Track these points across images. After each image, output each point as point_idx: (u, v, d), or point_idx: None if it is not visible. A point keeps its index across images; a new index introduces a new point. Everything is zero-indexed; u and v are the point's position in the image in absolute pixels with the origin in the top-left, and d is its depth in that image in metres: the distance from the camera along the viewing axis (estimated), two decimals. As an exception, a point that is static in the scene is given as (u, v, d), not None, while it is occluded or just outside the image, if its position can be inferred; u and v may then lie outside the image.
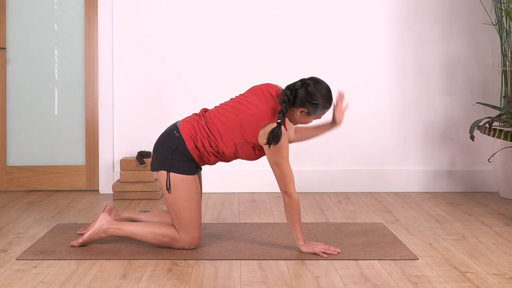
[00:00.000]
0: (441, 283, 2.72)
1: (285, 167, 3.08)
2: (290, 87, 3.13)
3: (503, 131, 4.37)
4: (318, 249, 3.13)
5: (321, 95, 3.12)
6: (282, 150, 3.05)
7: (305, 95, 3.10)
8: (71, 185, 4.99)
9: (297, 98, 3.11)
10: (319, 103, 3.11)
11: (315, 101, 3.10)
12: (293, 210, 3.12)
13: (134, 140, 4.95)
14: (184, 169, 3.15)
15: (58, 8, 4.98)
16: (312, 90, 3.10)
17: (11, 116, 4.99)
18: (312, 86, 3.12)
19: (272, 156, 3.07)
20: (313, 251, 3.14)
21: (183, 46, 4.93)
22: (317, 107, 3.12)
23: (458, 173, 4.97)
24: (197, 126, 3.19)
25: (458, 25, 4.95)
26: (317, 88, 3.12)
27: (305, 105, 3.11)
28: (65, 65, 4.99)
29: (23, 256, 3.12)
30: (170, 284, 2.72)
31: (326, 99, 3.14)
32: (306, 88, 3.11)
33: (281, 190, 3.13)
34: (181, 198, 3.16)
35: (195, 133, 3.17)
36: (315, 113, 3.14)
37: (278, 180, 3.12)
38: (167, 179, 3.15)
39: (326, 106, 3.14)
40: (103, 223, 3.24)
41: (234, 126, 3.13)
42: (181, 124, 3.22)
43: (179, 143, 3.16)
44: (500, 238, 3.49)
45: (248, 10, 4.93)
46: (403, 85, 4.97)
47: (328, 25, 4.94)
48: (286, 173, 3.09)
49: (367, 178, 4.95)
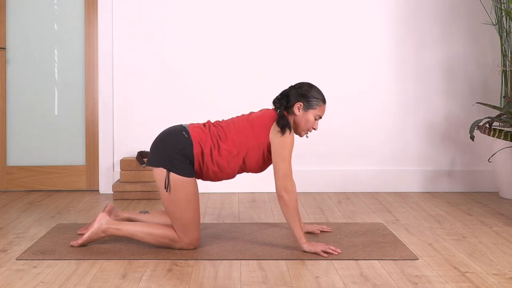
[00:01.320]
0: (441, 283, 2.72)
1: (288, 163, 3.17)
2: (282, 93, 3.33)
3: (503, 131, 4.37)
4: (319, 248, 3.14)
5: (310, 87, 3.30)
6: (290, 145, 3.17)
7: (295, 92, 3.29)
8: (71, 185, 4.99)
9: (290, 97, 3.28)
10: (311, 93, 3.26)
11: (306, 92, 3.26)
12: (293, 207, 3.15)
13: (134, 140, 4.95)
14: (185, 170, 3.15)
15: (58, 8, 4.98)
16: (300, 86, 3.30)
17: (11, 116, 5.00)
18: (299, 84, 3.33)
19: (280, 150, 3.15)
20: (314, 251, 3.14)
21: (183, 46, 4.93)
22: (310, 98, 3.26)
23: (458, 173, 4.97)
24: (209, 133, 3.21)
25: (458, 25, 4.95)
26: (304, 84, 3.31)
27: (299, 99, 3.25)
28: (65, 65, 4.99)
29: (23, 256, 3.12)
30: (170, 284, 2.72)
31: (316, 90, 3.30)
32: (295, 88, 3.31)
33: (279, 188, 3.15)
34: (180, 200, 3.15)
35: (205, 139, 3.18)
36: (311, 105, 3.26)
37: (279, 177, 3.15)
38: (167, 178, 3.14)
39: (318, 97, 3.28)
40: (102, 223, 3.24)
41: (247, 130, 3.21)
42: (191, 127, 3.22)
43: (187, 144, 3.15)
44: (500, 238, 3.49)
45: (248, 10, 4.93)
46: (403, 85, 4.97)
47: (328, 25, 4.94)
48: (289, 169, 3.16)
49: (367, 178, 4.95)
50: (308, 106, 3.25)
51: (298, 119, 3.26)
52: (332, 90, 4.95)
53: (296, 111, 3.25)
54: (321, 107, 3.28)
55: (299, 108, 3.24)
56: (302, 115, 3.25)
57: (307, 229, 3.57)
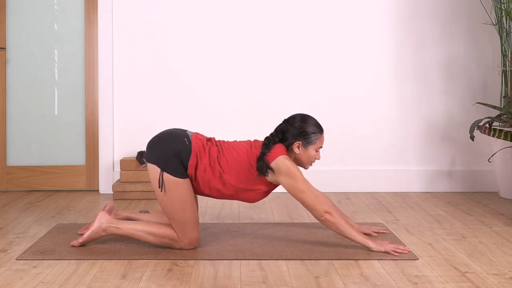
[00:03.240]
0: (441, 283, 2.72)
1: (310, 191, 3.10)
2: (276, 130, 3.25)
3: (503, 131, 4.37)
4: (389, 247, 3.14)
5: (304, 122, 3.22)
6: (297, 172, 3.09)
7: (291, 129, 3.21)
8: (71, 185, 4.99)
9: (287, 136, 3.21)
10: (307, 129, 3.20)
11: (302, 129, 3.19)
12: (340, 222, 3.12)
13: (134, 140, 4.95)
14: (179, 172, 3.14)
15: (58, 8, 4.98)
16: (294, 121, 3.22)
17: (11, 116, 5.00)
18: (293, 119, 3.24)
19: (291, 184, 3.09)
20: (384, 250, 3.13)
21: (183, 46, 4.93)
22: (308, 135, 3.20)
23: (458, 173, 4.97)
24: (208, 151, 3.18)
25: (458, 25, 4.95)
26: (297, 119, 3.23)
27: (297, 138, 3.20)
28: (65, 65, 4.99)
29: (23, 256, 3.12)
30: (170, 284, 2.72)
31: (311, 123, 3.23)
32: (289, 123, 3.23)
33: (318, 216, 3.11)
34: (175, 200, 3.14)
35: (203, 154, 3.16)
36: (310, 141, 3.21)
37: (312, 209, 3.10)
38: (160, 178, 3.14)
39: (315, 130, 3.22)
40: (102, 221, 3.24)
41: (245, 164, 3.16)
42: (194, 136, 3.21)
43: (185, 151, 3.14)
44: (500, 238, 3.49)
45: (248, 10, 4.93)
46: (403, 85, 4.97)
47: (328, 25, 4.94)
48: (314, 197, 3.10)
49: (367, 178, 4.95)
50: (307, 143, 3.20)
51: (299, 157, 3.23)
52: (332, 90, 4.95)
53: (296, 150, 3.21)
54: (320, 139, 3.24)
55: (299, 146, 3.20)
56: (303, 153, 3.22)
57: (364, 230, 3.52)
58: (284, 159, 3.12)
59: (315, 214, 3.11)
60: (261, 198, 3.27)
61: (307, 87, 4.94)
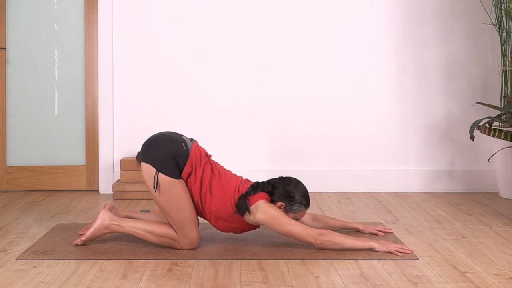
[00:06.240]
0: (441, 283, 2.72)
1: (294, 224, 3.11)
2: (269, 181, 3.28)
3: (503, 131, 4.37)
4: (392, 247, 3.14)
5: (296, 188, 3.24)
6: (275, 212, 3.11)
7: (283, 189, 3.23)
8: (71, 185, 5.00)
9: (275, 192, 3.23)
10: (295, 197, 3.22)
11: (292, 194, 3.21)
12: (337, 241, 3.14)
13: (134, 140, 4.95)
14: (174, 172, 3.15)
15: (58, 8, 4.98)
16: (288, 183, 3.25)
17: (11, 116, 5.00)
18: (288, 180, 3.26)
19: (273, 222, 3.10)
20: (388, 250, 3.14)
21: (183, 46, 4.93)
22: (293, 202, 3.22)
23: (458, 173, 4.97)
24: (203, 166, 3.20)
25: (458, 25, 4.96)
26: (292, 182, 3.26)
27: (282, 199, 3.22)
28: (65, 65, 4.99)
29: (23, 256, 3.12)
30: (170, 284, 2.72)
31: (301, 193, 3.24)
32: (283, 182, 3.25)
33: (314, 240, 3.12)
34: (171, 200, 3.15)
35: (199, 167, 3.18)
36: (292, 208, 3.23)
37: (303, 235, 3.11)
38: (155, 178, 3.15)
39: (302, 203, 3.24)
40: (104, 219, 3.25)
41: (229, 198, 3.18)
42: (194, 145, 3.23)
43: (182, 155, 3.16)
44: (500, 238, 3.49)
45: (248, 11, 4.93)
46: (403, 85, 4.97)
47: (328, 25, 4.94)
48: (302, 229, 3.11)
49: (367, 178, 4.95)
50: (290, 209, 3.23)
51: None
52: (332, 90, 4.95)
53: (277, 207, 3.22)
54: (302, 212, 3.26)
55: (280, 207, 3.22)
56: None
57: (370, 230, 3.53)
58: (265, 203, 3.14)
59: (309, 240, 3.12)
60: (236, 233, 3.31)
61: (307, 87, 4.94)
